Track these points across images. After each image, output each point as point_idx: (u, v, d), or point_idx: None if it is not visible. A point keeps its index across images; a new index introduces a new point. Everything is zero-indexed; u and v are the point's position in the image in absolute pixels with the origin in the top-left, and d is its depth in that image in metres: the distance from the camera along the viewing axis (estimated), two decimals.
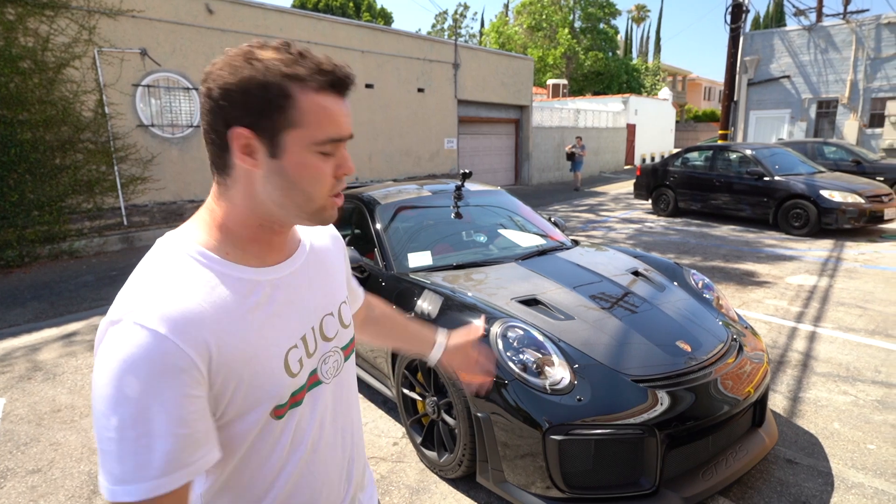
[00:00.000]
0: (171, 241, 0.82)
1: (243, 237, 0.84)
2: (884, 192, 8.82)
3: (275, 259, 0.88)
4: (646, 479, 2.22)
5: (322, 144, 0.79)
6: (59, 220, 8.20)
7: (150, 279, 0.76)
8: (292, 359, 0.84)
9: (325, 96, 0.79)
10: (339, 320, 0.97)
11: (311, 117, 0.78)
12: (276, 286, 0.85)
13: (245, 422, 0.80)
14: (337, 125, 0.81)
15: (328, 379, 0.93)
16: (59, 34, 8.03)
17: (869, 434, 3.06)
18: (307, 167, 0.79)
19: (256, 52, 0.77)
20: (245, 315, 0.79)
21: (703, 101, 50.02)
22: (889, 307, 5.19)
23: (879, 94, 16.63)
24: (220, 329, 0.75)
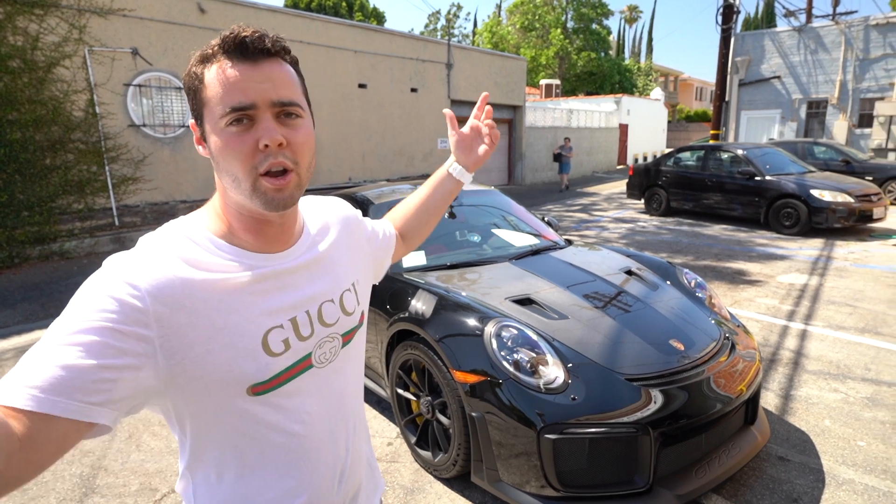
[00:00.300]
0: (177, 220, 0.86)
1: (239, 226, 0.85)
2: (873, 191, 8.90)
3: (280, 248, 0.89)
4: (640, 478, 2.23)
5: (227, 115, 0.76)
6: (49, 221, 8.13)
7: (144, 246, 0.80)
8: (273, 338, 0.83)
9: (226, 64, 0.76)
10: (341, 307, 0.95)
11: (213, 91, 0.76)
12: (272, 272, 0.86)
13: (218, 396, 0.80)
14: (239, 91, 0.75)
15: (321, 364, 0.92)
16: (49, 33, 7.96)
17: (859, 431, 3.09)
18: (220, 144, 0.78)
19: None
20: (225, 289, 0.80)
21: (695, 101, 50.27)
22: (878, 305, 5.23)
23: (868, 95, 16.79)
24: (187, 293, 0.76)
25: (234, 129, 0.76)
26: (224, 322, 0.79)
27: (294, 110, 0.80)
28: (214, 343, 0.78)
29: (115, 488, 2.74)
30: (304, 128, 0.82)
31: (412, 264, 3.32)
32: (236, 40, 0.76)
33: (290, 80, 0.81)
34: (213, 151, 0.80)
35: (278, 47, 0.79)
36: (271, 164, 0.77)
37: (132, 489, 2.73)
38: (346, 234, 1.05)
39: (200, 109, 0.79)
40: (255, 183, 0.78)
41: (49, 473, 2.87)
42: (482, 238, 3.78)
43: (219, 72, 0.76)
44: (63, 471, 2.89)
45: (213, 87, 0.76)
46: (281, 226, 0.88)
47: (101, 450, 3.08)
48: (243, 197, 0.80)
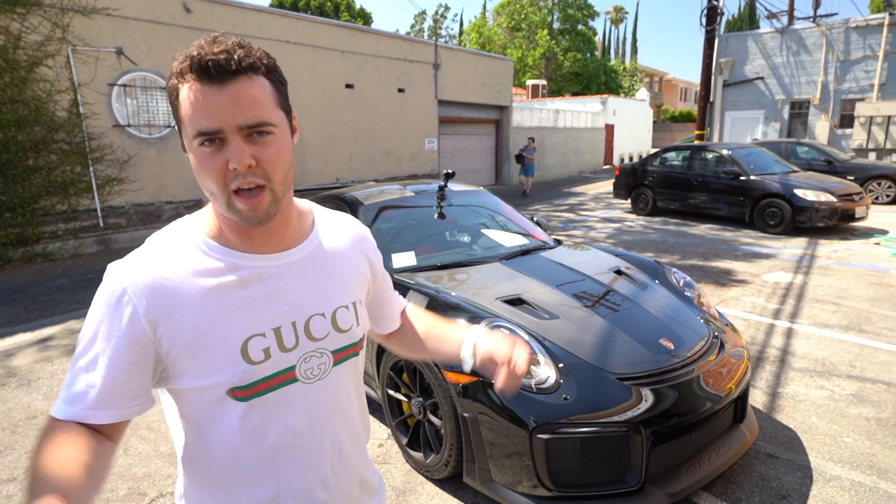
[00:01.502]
0: (175, 222, 0.92)
1: (226, 228, 0.89)
2: (855, 191, 9.04)
3: (271, 249, 0.90)
4: (631, 476, 2.24)
5: (196, 137, 0.78)
6: (32, 223, 8.00)
7: (142, 247, 0.87)
8: (253, 346, 0.85)
9: (194, 86, 0.77)
10: (333, 323, 0.94)
11: (184, 111, 0.78)
12: (259, 275, 0.88)
13: (204, 396, 0.86)
14: (205, 116, 0.76)
15: (308, 379, 0.91)
16: (31, 32, 7.84)
17: (845, 427, 3.13)
18: (195, 161, 0.80)
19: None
20: (209, 293, 0.84)
21: (680, 101, 50.73)
22: (861, 303, 5.32)
23: (849, 96, 17.06)
24: (177, 297, 0.82)
25: (206, 149, 0.79)
26: (207, 325, 0.83)
27: (264, 129, 0.80)
28: (198, 345, 0.83)
29: (103, 493, 2.70)
30: (276, 143, 0.82)
31: (402, 265, 3.31)
32: (201, 62, 0.76)
33: (258, 98, 0.79)
34: (192, 165, 0.82)
35: (245, 65, 0.78)
36: (241, 183, 0.79)
37: (120, 494, 2.70)
38: (357, 255, 1.04)
39: (179, 124, 0.82)
40: (230, 200, 0.81)
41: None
42: (472, 238, 3.78)
43: (189, 93, 0.77)
44: None
45: (184, 106, 0.78)
46: (266, 229, 0.88)
47: None
48: (221, 209, 0.84)
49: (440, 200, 3.82)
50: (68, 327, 5.19)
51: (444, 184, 3.96)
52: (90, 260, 8.26)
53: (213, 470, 0.91)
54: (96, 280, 5.05)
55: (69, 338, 4.90)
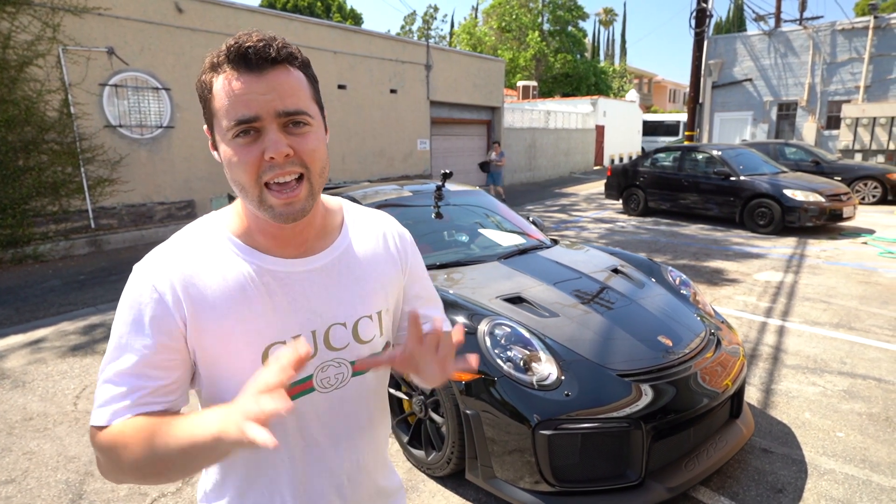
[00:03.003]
0: (202, 218, 0.91)
1: (254, 228, 0.87)
2: (842, 191, 9.17)
3: (295, 253, 0.88)
4: (632, 471, 2.28)
5: (233, 128, 0.76)
6: (22, 224, 7.93)
7: (167, 242, 0.86)
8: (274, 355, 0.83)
9: (232, 75, 0.76)
10: (354, 334, 0.91)
11: (220, 102, 0.77)
12: (281, 280, 0.86)
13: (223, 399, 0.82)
14: (243, 104, 0.75)
15: (325, 389, 0.90)
16: (22, 31, 7.77)
17: (838, 423, 3.19)
18: (228, 154, 0.78)
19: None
20: (234, 295, 0.83)
21: (669, 102, 51.14)
22: (851, 301, 5.40)
23: (835, 98, 17.29)
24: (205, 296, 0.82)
25: (241, 140, 0.76)
26: (231, 329, 0.82)
27: (301, 118, 0.78)
28: (220, 349, 0.83)
29: (104, 493, 2.70)
30: (313, 135, 0.80)
31: None
32: (240, 50, 0.75)
33: (297, 88, 0.79)
34: (223, 160, 0.80)
35: (284, 55, 0.78)
36: (277, 174, 0.77)
37: (121, 494, 2.69)
38: (389, 259, 0.99)
39: (211, 119, 0.81)
40: (262, 195, 0.78)
41: (33, 480, 2.81)
42: (470, 238, 3.81)
43: (224, 83, 0.76)
44: (48, 477, 2.84)
45: (219, 98, 0.77)
46: (293, 228, 0.86)
47: (87, 455, 3.03)
48: (252, 207, 0.81)
49: (438, 200, 3.84)
50: (60, 329, 5.15)
51: (441, 184, 3.98)
52: (81, 261, 8.19)
53: (231, 474, 0.92)
54: (88, 281, 5.05)
55: (62, 339, 4.87)
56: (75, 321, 5.37)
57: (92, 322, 5.34)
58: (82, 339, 4.89)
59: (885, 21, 16.15)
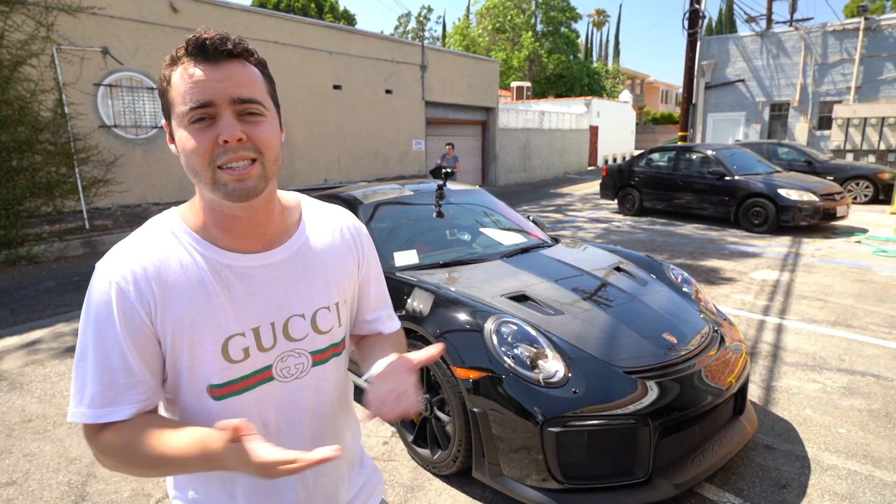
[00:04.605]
0: (160, 215, 0.92)
1: (210, 221, 0.89)
2: (836, 190, 9.24)
3: (252, 247, 0.90)
4: (639, 468, 2.28)
5: (189, 113, 0.79)
6: (16, 225, 7.86)
7: (127, 239, 0.88)
8: (233, 346, 0.86)
9: (189, 66, 0.80)
10: (313, 324, 0.94)
11: (177, 90, 0.80)
12: (239, 275, 0.88)
13: (183, 390, 0.88)
14: (199, 90, 0.78)
15: (285, 378, 0.92)
16: (15, 31, 7.71)
17: (838, 419, 3.21)
18: (183, 139, 0.80)
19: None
20: (193, 289, 0.85)
21: (661, 103, 51.37)
22: (846, 299, 5.44)
23: (827, 98, 17.43)
24: (165, 290, 0.83)
25: (197, 126, 0.79)
26: (192, 321, 0.84)
27: (255, 108, 0.81)
28: (184, 339, 0.85)
29: (107, 495, 2.67)
30: (267, 125, 0.83)
31: (404, 263, 3.33)
32: (198, 42, 0.79)
33: (251, 80, 0.82)
34: (178, 147, 0.83)
35: (240, 49, 0.82)
36: (230, 158, 0.79)
37: (124, 496, 2.67)
38: (346, 252, 1.02)
39: (169, 109, 0.83)
40: (215, 175, 0.80)
41: (35, 482, 2.79)
42: (472, 236, 3.81)
43: (182, 72, 0.80)
44: (49, 479, 2.81)
45: (177, 86, 0.80)
46: (249, 220, 0.88)
47: (89, 456, 3.00)
48: (206, 189, 0.83)
49: (439, 199, 3.84)
50: (56, 330, 5.11)
51: (442, 183, 3.98)
52: (76, 262, 8.13)
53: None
54: (83, 282, 5.06)
55: (58, 341, 4.83)
56: (71, 322, 5.33)
57: None
58: None
59: (875, 22, 16.30)
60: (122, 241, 0.87)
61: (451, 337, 2.57)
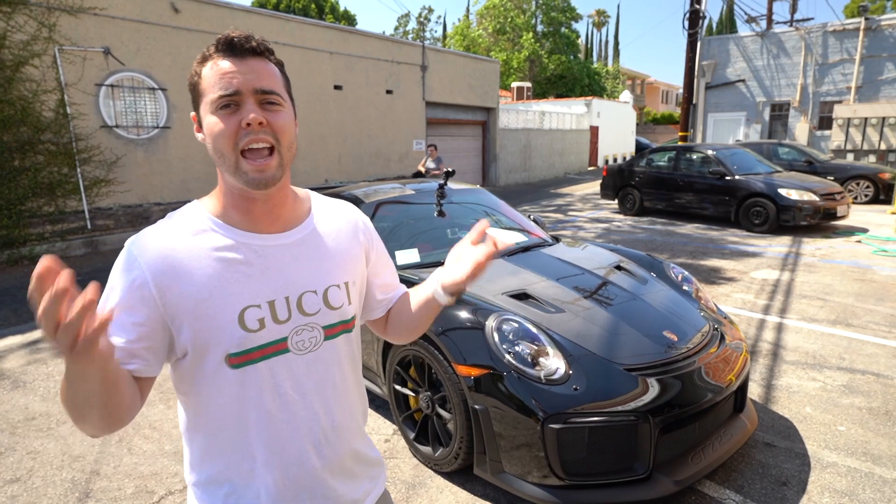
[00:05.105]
0: (186, 205, 1.01)
1: (229, 204, 0.98)
2: (836, 190, 9.25)
3: (268, 229, 0.99)
4: (640, 465, 2.30)
5: (216, 101, 0.90)
6: (18, 224, 7.88)
7: (155, 224, 0.97)
8: (250, 316, 0.93)
9: (218, 61, 0.91)
10: (325, 300, 1.02)
11: (206, 83, 0.92)
12: (256, 252, 0.97)
13: (203, 362, 0.94)
14: (227, 81, 0.90)
15: (300, 351, 0.99)
16: (17, 31, 7.73)
17: (838, 417, 3.23)
18: (211, 125, 0.91)
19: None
20: (211, 264, 0.93)
21: (661, 104, 51.40)
22: (847, 298, 5.46)
23: (827, 98, 17.44)
24: (182, 265, 0.91)
25: (223, 111, 0.90)
26: (209, 293, 0.91)
27: (274, 98, 0.93)
28: (200, 310, 0.91)
29: (110, 492, 2.69)
30: (284, 114, 0.95)
31: (405, 262, 3.34)
32: (227, 40, 0.91)
33: (272, 74, 0.94)
34: (206, 133, 0.92)
35: (262, 48, 0.94)
36: (252, 140, 0.90)
37: (128, 492, 2.69)
38: (352, 240, 1.12)
39: (198, 100, 0.94)
40: (238, 162, 0.91)
41: (39, 479, 2.80)
42: None
43: (212, 66, 0.91)
44: (53, 476, 2.83)
45: (207, 79, 0.91)
46: (265, 203, 0.98)
47: (93, 454, 3.02)
48: (229, 174, 0.93)
49: (440, 198, 3.85)
50: None
51: (444, 182, 4.00)
52: (78, 262, 8.14)
53: (215, 436, 0.99)
54: (85, 282, 5.08)
55: None
56: None
57: None
58: None
59: (875, 23, 16.32)
60: (151, 225, 0.96)
61: (453, 334, 2.59)
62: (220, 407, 0.96)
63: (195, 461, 1.03)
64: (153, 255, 0.91)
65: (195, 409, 0.99)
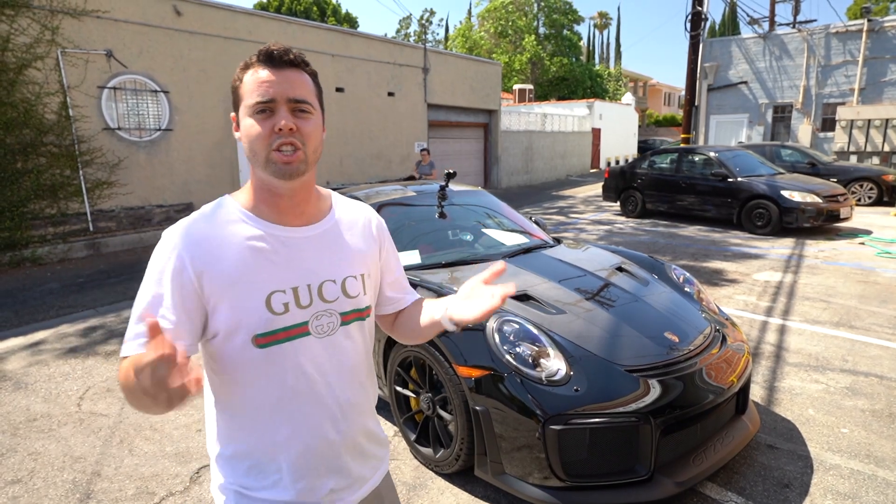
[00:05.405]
0: (219, 198, 1.11)
1: (259, 199, 1.08)
2: (839, 192, 9.22)
3: (294, 222, 1.10)
4: (641, 466, 2.29)
5: (254, 106, 1.00)
6: (20, 226, 7.91)
7: (191, 215, 1.06)
8: (276, 300, 1.03)
9: (258, 70, 1.01)
10: (342, 289, 1.12)
11: (246, 88, 1.02)
12: (282, 242, 1.06)
13: (232, 342, 1.02)
14: (265, 89, 1.00)
15: (319, 335, 1.08)
16: (20, 34, 7.77)
17: (841, 419, 3.21)
18: (247, 127, 1.01)
19: None
20: (242, 251, 1.02)
21: (664, 106, 51.36)
22: (850, 300, 5.43)
23: (830, 100, 17.39)
24: (216, 252, 1.01)
25: (259, 116, 1.00)
26: (240, 276, 1.01)
27: (305, 107, 1.02)
28: (231, 292, 1.00)
29: (112, 493, 2.69)
30: (313, 121, 1.04)
31: (406, 263, 3.33)
32: (267, 52, 1.01)
33: (305, 85, 1.04)
34: (243, 132, 1.02)
35: (298, 60, 1.04)
36: (282, 142, 1.00)
37: (129, 493, 2.68)
38: (367, 237, 1.22)
39: (238, 102, 1.04)
40: (269, 156, 1.00)
41: (40, 480, 2.80)
42: (474, 237, 3.82)
43: (253, 73, 1.01)
44: (54, 477, 2.83)
45: (247, 85, 1.01)
46: (291, 199, 1.08)
47: (94, 455, 3.02)
48: (259, 167, 1.03)
49: (441, 200, 3.85)
50: (60, 331, 5.13)
51: (445, 184, 3.99)
52: (80, 264, 8.16)
53: (241, 412, 1.08)
54: (87, 284, 5.10)
55: (61, 341, 4.85)
56: (75, 323, 5.35)
57: (91, 324, 5.32)
58: (82, 341, 4.88)
59: (878, 24, 16.28)
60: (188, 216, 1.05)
61: (454, 336, 2.58)
62: (246, 384, 1.05)
63: (220, 436, 1.11)
64: (191, 242, 1.00)
65: (223, 387, 1.08)
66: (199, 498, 2.64)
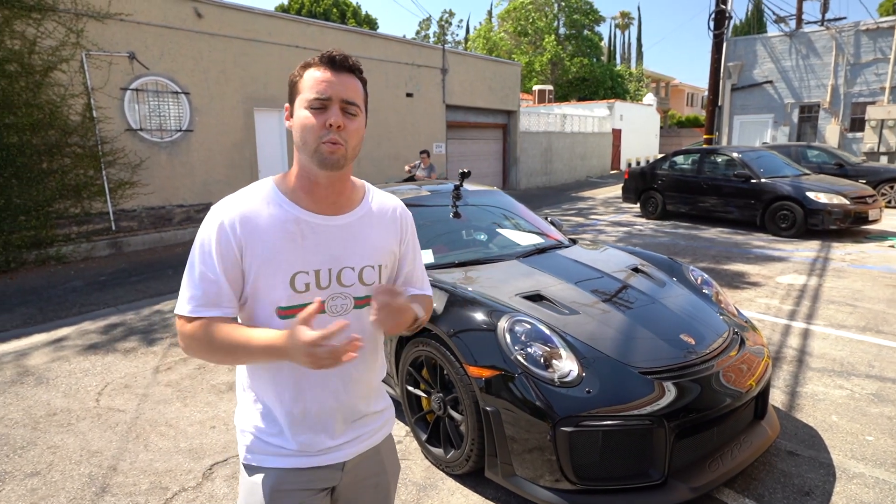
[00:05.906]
0: (263, 179, 1.23)
1: (298, 186, 1.20)
2: (868, 193, 8.98)
3: (325, 211, 1.21)
4: (654, 470, 2.24)
5: (311, 101, 1.12)
6: (45, 225, 8.08)
7: (235, 193, 1.20)
8: (299, 279, 1.15)
9: (317, 70, 1.14)
10: (359, 277, 1.23)
11: (305, 84, 1.15)
12: (312, 228, 1.18)
13: (260, 307, 1.18)
14: (319, 88, 1.12)
15: (332, 314, 1.20)
16: (47, 37, 7.94)
17: (866, 426, 3.11)
18: (301, 118, 1.14)
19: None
20: (277, 233, 1.15)
21: (686, 106, 50.68)
22: (878, 305, 5.28)
23: (860, 99, 16.97)
24: (256, 230, 1.14)
25: (314, 110, 1.13)
26: (272, 255, 1.14)
27: (353, 109, 1.15)
28: (265, 268, 1.14)
29: (126, 487, 2.72)
30: (358, 121, 1.17)
31: None
32: (330, 56, 1.15)
33: (357, 89, 1.17)
34: (296, 123, 1.15)
35: (355, 67, 1.17)
36: (331, 137, 1.12)
37: (143, 488, 2.71)
38: (391, 229, 1.31)
39: (294, 95, 1.17)
40: (318, 146, 1.13)
41: (57, 473, 2.84)
42: (488, 237, 3.79)
43: (314, 72, 1.15)
44: (71, 471, 2.86)
45: (306, 81, 1.15)
46: (327, 189, 1.19)
47: (110, 450, 3.06)
48: (307, 155, 1.15)
49: (456, 200, 3.83)
50: (82, 328, 5.22)
51: (459, 183, 3.97)
52: (102, 263, 8.31)
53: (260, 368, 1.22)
54: (109, 282, 5.17)
55: (83, 338, 4.94)
56: (96, 321, 5.44)
57: (112, 322, 5.41)
58: (103, 338, 4.95)
59: None
60: (231, 194, 1.19)
61: (465, 335, 2.55)
62: None
63: (244, 382, 1.27)
64: (236, 217, 1.13)
65: None
66: (210, 494, 2.66)
